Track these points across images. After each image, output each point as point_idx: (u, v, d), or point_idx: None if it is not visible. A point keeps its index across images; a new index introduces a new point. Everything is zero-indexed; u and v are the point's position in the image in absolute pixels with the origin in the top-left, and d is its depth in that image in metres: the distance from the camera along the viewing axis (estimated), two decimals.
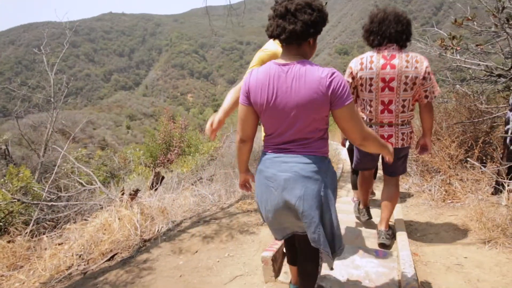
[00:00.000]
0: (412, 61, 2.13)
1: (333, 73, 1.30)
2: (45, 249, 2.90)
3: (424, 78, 2.13)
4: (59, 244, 3.08)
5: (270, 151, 1.50)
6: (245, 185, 1.79)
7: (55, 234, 3.31)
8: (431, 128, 2.34)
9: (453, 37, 3.28)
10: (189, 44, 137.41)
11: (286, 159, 1.42)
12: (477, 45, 3.38)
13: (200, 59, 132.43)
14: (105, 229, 3.12)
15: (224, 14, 4.39)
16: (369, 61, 2.21)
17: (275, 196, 1.45)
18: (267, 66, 1.41)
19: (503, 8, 2.98)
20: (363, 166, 2.65)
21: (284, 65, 1.36)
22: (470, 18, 3.20)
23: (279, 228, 1.59)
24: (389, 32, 2.13)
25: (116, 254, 2.80)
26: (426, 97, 2.20)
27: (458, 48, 3.33)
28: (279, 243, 2.31)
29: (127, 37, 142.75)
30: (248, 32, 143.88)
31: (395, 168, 2.45)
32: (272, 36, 1.40)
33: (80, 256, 2.81)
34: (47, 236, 3.18)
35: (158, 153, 9.06)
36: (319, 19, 1.34)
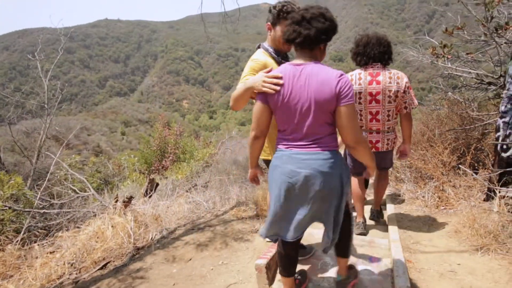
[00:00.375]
0: (394, 77, 2.51)
1: (341, 74, 1.48)
2: (36, 257, 2.86)
3: (404, 92, 2.51)
4: (50, 253, 3.03)
5: (285, 147, 1.60)
6: (254, 179, 1.97)
7: (46, 242, 3.25)
8: (410, 136, 2.71)
9: (444, 46, 3.34)
10: (184, 50, 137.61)
11: (304, 156, 1.53)
12: (467, 54, 3.45)
13: (196, 66, 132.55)
14: (97, 237, 3.09)
15: (219, 21, 4.42)
16: (357, 78, 2.58)
17: (295, 190, 1.55)
18: (282, 67, 1.58)
19: (492, 17, 3.05)
20: (354, 170, 2.86)
21: (298, 65, 1.52)
22: (460, 27, 3.26)
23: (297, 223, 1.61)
24: (373, 53, 2.53)
25: (109, 262, 2.76)
26: (406, 108, 2.58)
27: (449, 57, 3.39)
28: (273, 250, 2.30)
29: (123, 44, 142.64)
30: (244, 39, 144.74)
31: (385, 164, 2.87)
32: (288, 40, 1.56)
33: (72, 265, 2.77)
34: (38, 245, 3.13)
35: (153, 159, 9.01)
36: (330, 28, 1.51)
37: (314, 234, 2.63)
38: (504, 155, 2.83)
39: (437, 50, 3.39)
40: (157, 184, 5.35)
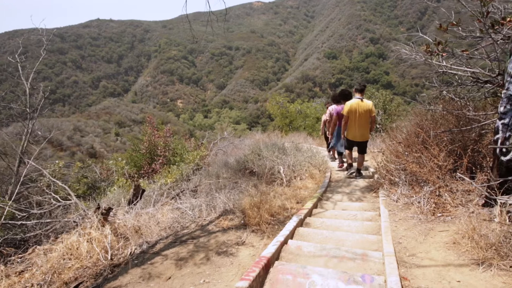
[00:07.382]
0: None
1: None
2: (1, 279, 2.62)
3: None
4: (20, 272, 2.81)
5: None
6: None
7: (16, 259, 3.02)
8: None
9: (439, 43, 3.16)
10: (178, 50, 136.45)
11: None
12: (462, 51, 3.26)
13: (190, 65, 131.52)
14: (71, 254, 2.87)
15: (212, 19, 4.27)
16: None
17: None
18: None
19: (488, 12, 2.87)
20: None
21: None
22: (455, 23, 3.08)
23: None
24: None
25: (80, 283, 2.54)
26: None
27: (443, 54, 3.20)
28: (257, 269, 2.12)
29: (115, 44, 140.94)
30: (237, 38, 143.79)
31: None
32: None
33: (41, 287, 2.55)
34: (3, 264, 2.89)
35: (142, 163, 8.74)
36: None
37: None
38: (503, 158, 2.66)
39: (431, 47, 3.20)
40: (143, 191, 5.12)
